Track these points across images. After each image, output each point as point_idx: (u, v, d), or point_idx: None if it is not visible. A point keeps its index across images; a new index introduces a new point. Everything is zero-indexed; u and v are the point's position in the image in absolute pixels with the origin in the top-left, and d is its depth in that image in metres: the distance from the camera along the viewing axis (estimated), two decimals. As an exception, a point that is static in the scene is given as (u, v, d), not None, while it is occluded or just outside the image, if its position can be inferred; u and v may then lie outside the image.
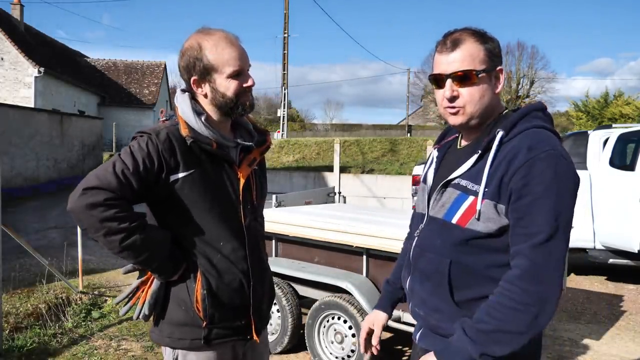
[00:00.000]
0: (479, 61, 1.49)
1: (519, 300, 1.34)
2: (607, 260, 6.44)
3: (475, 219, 1.44)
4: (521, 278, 1.35)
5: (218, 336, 1.74)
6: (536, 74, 37.62)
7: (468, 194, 1.47)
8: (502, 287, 1.38)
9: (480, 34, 1.53)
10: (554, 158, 1.37)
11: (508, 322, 1.34)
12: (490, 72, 1.51)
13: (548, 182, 1.35)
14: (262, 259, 1.90)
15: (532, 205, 1.35)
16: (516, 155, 1.39)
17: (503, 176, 1.39)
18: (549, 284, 1.35)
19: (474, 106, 1.51)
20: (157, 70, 32.76)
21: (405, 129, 42.68)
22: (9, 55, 21.47)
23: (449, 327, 1.50)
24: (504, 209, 1.40)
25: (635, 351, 4.49)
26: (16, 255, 6.73)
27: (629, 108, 27.50)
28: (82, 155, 19.77)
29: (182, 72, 1.75)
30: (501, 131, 1.45)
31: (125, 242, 1.57)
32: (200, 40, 1.70)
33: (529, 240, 1.35)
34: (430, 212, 1.60)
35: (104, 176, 1.57)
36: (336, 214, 4.52)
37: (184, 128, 1.67)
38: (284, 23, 27.71)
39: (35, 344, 4.20)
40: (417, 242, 1.64)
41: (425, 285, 1.58)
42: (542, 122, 1.49)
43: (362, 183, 13.01)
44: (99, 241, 1.59)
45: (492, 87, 1.53)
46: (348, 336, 3.73)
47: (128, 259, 1.66)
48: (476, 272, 1.47)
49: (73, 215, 1.59)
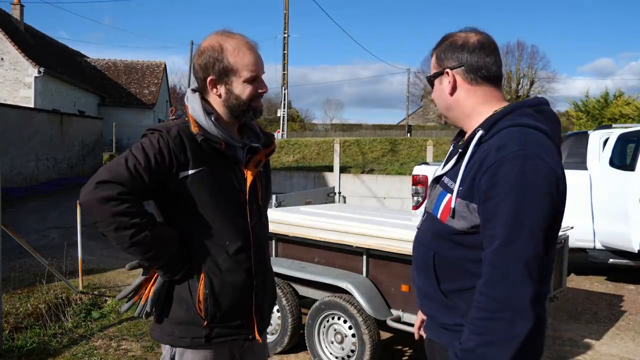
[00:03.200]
0: (433, 67, 1.62)
1: (488, 308, 1.32)
2: (607, 260, 6.43)
3: (450, 216, 1.47)
4: (486, 285, 1.34)
5: (219, 335, 1.75)
6: (536, 74, 37.68)
7: (447, 192, 1.51)
8: (475, 299, 1.37)
9: (442, 39, 1.60)
10: (521, 158, 1.33)
11: (487, 334, 1.31)
12: (440, 75, 1.58)
13: (512, 184, 1.32)
14: (265, 259, 1.91)
15: (496, 208, 1.33)
16: (487, 155, 1.39)
17: (475, 176, 1.40)
18: (514, 288, 1.29)
19: (439, 107, 1.63)
20: (157, 70, 32.78)
21: (405, 129, 42.69)
22: (9, 55, 21.48)
23: (439, 315, 1.57)
24: (477, 208, 1.41)
25: (635, 351, 4.49)
26: (16, 255, 6.73)
27: (629, 108, 27.52)
28: (82, 155, 19.78)
29: (198, 71, 1.76)
30: (480, 130, 1.47)
31: (135, 238, 1.58)
32: (222, 41, 1.72)
33: (491, 244, 1.35)
34: (426, 207, 1.68)
35: (116, 170, 1.58)
36: (336, 214, 4.52)
37: (194, 126, 1.69)
38: (284, 23, 27.72)
39: (35, 344, 4.20)
40: (416, 234, 1.71)
41: (420, 276, 1.64)
42: (529, 119, 1.45)
43: (362, 183, 13.02)
44: (109, 236, 1.59)
45: (444, 89, 1.58)
46: (348, 336, 3.72)
47: (136, 255, 1.66)
48: (455, 265, 1.50)
49: (85, 209, 1.59)
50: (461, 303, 1.49)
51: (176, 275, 1.70)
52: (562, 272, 4.21)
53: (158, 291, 1.72)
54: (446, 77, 1.56)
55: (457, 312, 1.51)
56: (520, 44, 38.84)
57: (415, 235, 1.71)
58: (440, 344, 1.59)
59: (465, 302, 1.47)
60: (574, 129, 27.84)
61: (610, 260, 6.41)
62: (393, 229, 3.71)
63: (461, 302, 1.49)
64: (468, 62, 1.53)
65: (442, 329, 1.57)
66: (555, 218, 1.35)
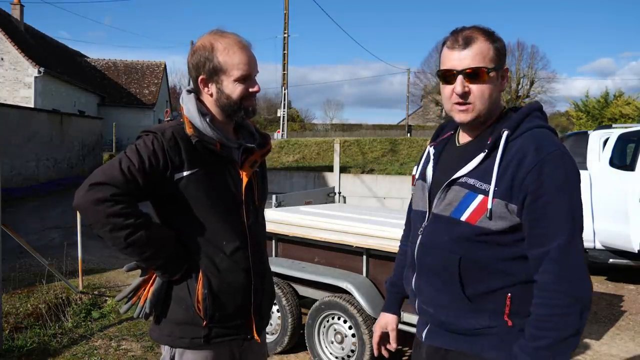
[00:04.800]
0: (489, 59, 1.52)
1: (562, 304, 1.38)
2: (607, 260, 6.43)
3: (486, 217, 1.46)
4: (556, 282, 1.39)
5: (218, 335, 1.75)
6: (536, 74, 37.63)
7: (477, 193, 1.48)
8: (541, 297, 1.42)
9: (489, 33, 1.56)
10: (562, 158, 1.42)
11: (562, 329, 1.38)
12: (498, 71, 1.55)
13: (560, 183, 1.40)
14: (263, 259, 1.91)
15: (548, 206, 1.40)
16: (525, 156, 1.42)
17: (514, 176, 1.42)
18: (581, 281, 1.39)
19: (483, 103, 1.53)
20: (157, 70, 32.77)
21: (405, 129, 42.66)
22: (9, 55, 21.47)
23: (459, 322, 1.53)
24: (516, 208, 1.43)
25: (635, 351, 4.49)
26: (16, 255, 6.73)
27: (629, 108, 27.50)
28: (82, 155, 19.78)
29: (191, 70, 1.76)
30: (506, 130, 1.48)
31: (131, 238, 1.58)
32: (213, 41, 1.72)
33: (551, 242, 1.40)
34: (434, 210, 1.60)
35: (110, 172, 1.58)
36: (336, 214, 4.52)
37: (189, 127, 1.69)
38: (284, 23, 27.71)
39: (35, 344, 4.20)
40: (421, 239, 1.63)
41: (433, 283, 1.59)
42: (542, 121, 1.54)
43: (362, 183, 13.02)
44: (104, 237, 1.59)
45: (498, 85, 1.56)
46: (348, 336, 3.73)
47: (132, 256, 1.66)
48: (487, 266, 1.49)
49: (79, 211, 1.59)
50: (489, 305, 1.49)
51: (174, 276, 1.70)
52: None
53: (157, 292, 1.72)
54: (507, 74, 1.59)
55: (484, 315, 1.50)
56: (520, 44, 38.82)
57: (421, 240, 1.63)
58: (455, 349, 1.56)
59: (494, 302, 1.48)
60: (574, 129, 27.85)
61: (610, 260, 6.41)
62: (393, 229, 3.71)
63: (489, 304, 1.49)
64: None
65: (460, 335, 1.54)
66: None
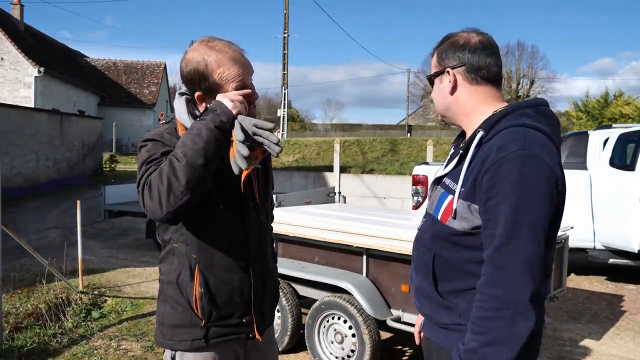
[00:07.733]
0: (433, 66, 1.62)
1: (489, 307, 1.33)
2: (607, 260, 6.43)
3: (452, 217, 1.48)
4: (486, 284, 1.35)
5: (218, 335, 1.74)
6: (536, 74, 37.65)
7: (448, 193, 1.52)
8: (476, 299, 1.38)
9: (443, 38, 1.60)
10: (521, 158, 1.33)
11: (488, 333, 1.32)
12: (440, 75, 1.58)
13: (512, 184, 1.32)
14: (265, 257, 1.89)
15: (496, 208, 1.34)
16: (488, 156, 1.39)
17: (477, 177, 1.41)
18: (513, 286, 1.30)
19: (439, 106, 1.64)
20: (157, 70, 32.79)
21: (405, 129, 42.67)
22: (9, 55, 21.48)
23: (436, 315, 1.57)
24: (478, 209, 1.41)
25: (635, 351, 4.49)
26: (16, 255, 6.73)
27: (629, 108, 27.49)
28: (82, 155, 19.77)
29: (186, 82, 1.75)
30: (481, 131, 1.47)
31: (182, 163, 1.53)
32: (206, 56, 1.69)
33: (491, 244, 1.36)
34: (427, 208, 1.68)
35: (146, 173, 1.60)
36: (336, 214, 4.52)
37: (182, 130, 1.71)
38: (284, 23, 27.69)
39: (35, 344, 4.20)
40: (416, 235, 1.71)
41: (419, 277, 1.65)
42: (529, 120, 1.45)
43: (362, 183, 13.02)
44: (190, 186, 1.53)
45: (445, 88, 1.58)
46: (348, 336, 3.72)
47: (204, 169, 1.56)
48: (455, 266, 1.50)
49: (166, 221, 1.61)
50: (460, 303, 1.49)
51: (227, 110, 1.62)
52: (562, 272, 4.20)
53: (240, 136, 1.61)
54: (447, 76, 1.56)
55: (454, 312, 1.51)
56: (520, 44, 38.88)
57: (416, 235, 1.72)
58: (436, 342, 1.60)
59: (465, 301, 1.47)
60: (574, 129, 27.82)
61: (610, 260, 6.41)
62: (393, 228, 3.71)
63: (460, 302, 1.49)
64: (469, 62, 1.53)
65: (439, 328, 1.58)
66: (554, 218, 1.36)
